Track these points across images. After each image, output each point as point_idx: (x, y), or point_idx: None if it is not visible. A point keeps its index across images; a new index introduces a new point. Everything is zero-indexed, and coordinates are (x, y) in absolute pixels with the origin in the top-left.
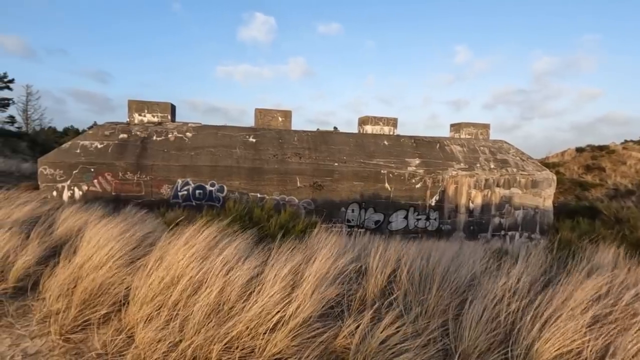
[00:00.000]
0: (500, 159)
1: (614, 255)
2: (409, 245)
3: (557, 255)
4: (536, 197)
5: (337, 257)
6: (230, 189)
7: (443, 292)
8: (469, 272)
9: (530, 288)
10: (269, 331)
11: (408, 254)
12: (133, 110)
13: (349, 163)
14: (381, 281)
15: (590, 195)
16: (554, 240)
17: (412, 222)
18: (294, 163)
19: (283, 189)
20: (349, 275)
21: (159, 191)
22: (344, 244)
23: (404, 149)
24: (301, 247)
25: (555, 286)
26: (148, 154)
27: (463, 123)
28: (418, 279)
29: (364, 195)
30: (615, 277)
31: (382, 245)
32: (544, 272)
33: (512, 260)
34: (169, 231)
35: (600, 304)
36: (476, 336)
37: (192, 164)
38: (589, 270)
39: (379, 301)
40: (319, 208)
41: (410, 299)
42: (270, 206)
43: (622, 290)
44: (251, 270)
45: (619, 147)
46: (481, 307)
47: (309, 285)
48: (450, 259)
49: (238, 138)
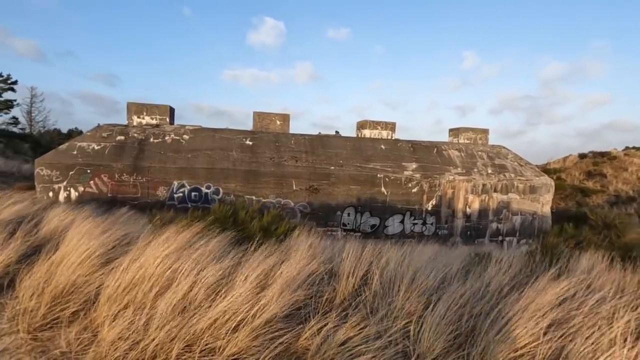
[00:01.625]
0: (498, 164)
1: (594, 260)
2: (387, 248)
3: (539, 259)
4: (534, 202)
5: (311, 259)
6: (226, 191)
7: (411, 294)
8: (441, 275)
9: (501, 291)
10: (232, 331)
11: (381, 257)
12: (132, 113)
13: (346, 167)
14: (352, 283)
15: (591, 201)
16: (538, 245)
17: (409, 226)
18: (291, 166)
19: (279, 192)
20: (321, 277)
21: (155, 193)
22: (322, 246)
23: (401, 153)
24: (279, 249)
25: (523, 290)
26: (145, 156)
27: (462, 128)
28: (388, 282)
29: (360, 199)
30: (584, 282)
31: (357, 248)
32: (514, 275)
33: (491, 264)
34: (151, 232)
35: (562, 308)
36: (435, 339)
37: (188, 166)
38: (558, 274)
39: (347, 303)
40: (315, 211)
41: (378, 301)
42: (255, 209)
43: (589, 294)
44: (222, 271)
45: (621, 153)
46: (443, 309)
47: (277, 286)
48: (426, 261)
49: (235, 141)
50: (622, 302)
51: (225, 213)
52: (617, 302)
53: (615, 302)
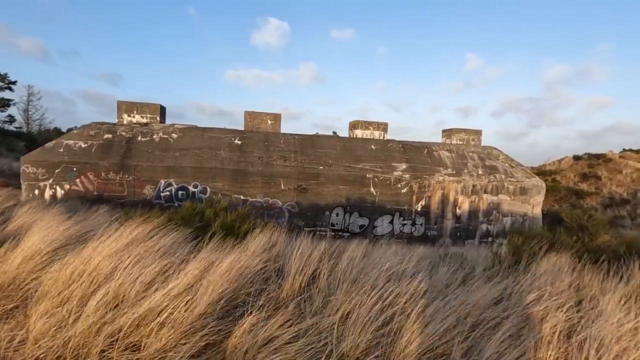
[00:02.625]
0: (489, 165)
1: (557, 262)
2: (351, 246)
3: (503, 260)
4: (525, 204)
5: (261, 256)
6: (214, 190)
7: (354, 292)
8: (388, 274)
9: (441, 290)
10: (159, 326)
11: (338, 255)
12: (122, 111)
13: (335, 167)
14: (299, 281)
15: (586, 203)
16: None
17: (398, 227)
18: (279, 166)
19: (267, 191)
20: (269, 274)
21: (142, 191)
22: (282, 244)
23: (391, 153)
24: (235, 246)
25: (458, 289)
26: (132, 155)
27: (454, 129)
28: (334, 280)
29: (349, 199)
30: (518, 283)
31: (309, 245)
32: (467, 274)
33: (446, 264)
34: (112, 228)
35: (493, 308)
36: (357, 337)
37: (176, 165)
38: (499, 275)
39: (289, 300)
40: (303, 211)
41: (319, 299)
42: (222, 207)
43: (528, 294)
44: (166, 266)
45: (616, 155)
46: (369, 308)
47: (214, 283)
48: (382, 261)
49: (224, 140)
50: (555, 304)
51: (191, 211)
52: (550, 304)
53: (549, 303)
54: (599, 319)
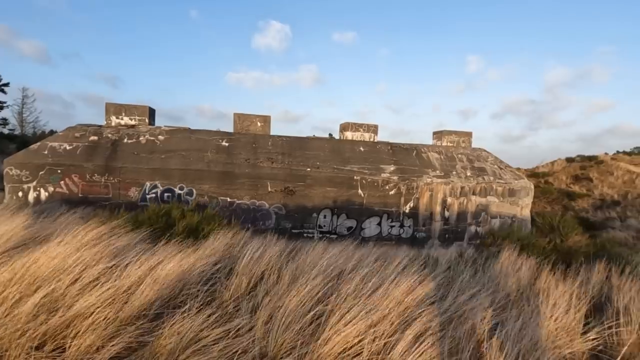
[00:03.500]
0: (477, 167)
1: (517, 261)
2: (309, 246)
3: (467, 260)
4: (513, 205)
5: (211, 255)
6: (200, 192)
7: (290, 292)
8: (334, 273)
9: (377, 288)
10: (87, 328)
11: (294, 255)
12: (110, 113)
13: (323, 168)
14: (246, 281)
15: (577, 205)
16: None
17: (386, 229)
18: (266, 168)
19: (254, 193)
20: (218, 274)
21: (127, 194)
22: (242, 244)
23: (380, 155)
24: (193, 247)
25: (388, 287)
26: (117, 156)
27: (445, 131)
28: (282, 279)
29: (336, 201)
30: (453, 281)
31: (262, 246)
32: (420, 273)
33: (393, 263)
34: (71, 229)
35: (418, 307)
36: (282, 335)
37: (162, 167)
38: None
39: (232, 300)
40: (291, 213)
41: (261, 299)
42: (191, 207)
43: (463, 295)
44: (107, 268)
45: (608, 157)
46: (293, 306)
47: (153, 284)
48: (334, 261)
49: (211, 142)
50: (488, 301)
51: (157, 211)
52: (483, 301)
53: (481, 300)
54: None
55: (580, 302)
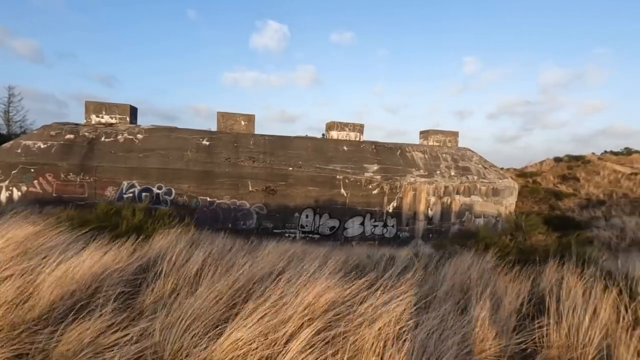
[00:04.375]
0: (462, 167)
1: (468, 261)
2: (257, 246)
3: (420, 260)
4: (497, 205)
5: (141, 257)
6: (179, 192)
7: (211, 293)
8: (261, 273)
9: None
10: None
11: (224, 255)
12: (90, 112)
13: (305, 168)
14: (171, 282)
15: (563, 205)
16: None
17: (369, 228)
18: (247, 167)
19: (235, 193)
20: (145, 275)
21: (103, 193)
22: (184, 242)
23: (363, 154)
24: (127, 246)
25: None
26: (94, 155)
27: (431, 130)
28: (204, 281)
29: (319, 200)
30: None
31: (209, 244)
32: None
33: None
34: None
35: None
36: (179, 339)
37: (140, 166)
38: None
39: (150, 302)
40: (272, 213)
41: (179, 300)
42: (142, 207)
43: (383, 295)
44: (23, 269)
45: (595, 157)
46: (200, 305)
47: (59, 285)
48: (271, 260)
49: (192, 141)
50: (404, 305)
51: (107, 210)
52: (399, 304)
53: (398, 303)
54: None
55: (519, 301)
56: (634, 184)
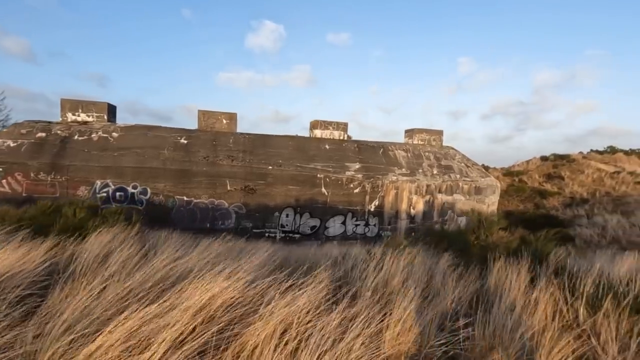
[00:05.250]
0: (444, 165)
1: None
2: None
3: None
4: (479, 203)
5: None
6: (155, 191)
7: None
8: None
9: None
10: None
11: (154, 255)
12: (66, 110)
13: (285, 167)
14: (85, 283)
15: (548, 203)
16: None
17: (351, 227)
18: (226, 166)
19: (212, 192)
20: (49, 278)
21: (76, 193)
22: (118, 242)
23: (345, 153)
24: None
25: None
26: (66, 154)
27: (416, 129)
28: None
29: (299, 199)
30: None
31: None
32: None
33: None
34: None
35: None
36: (53, 346)
37: (114, 165)
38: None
39: (56, 303)
40: (251, 212)
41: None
42: (87, 205)
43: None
44: None
45: (580, 156)
46: (78, 304)
47: None
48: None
49: (169, 139)
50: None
51: (45, 209)
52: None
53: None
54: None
55: (462, 300)
56: (616, 183)
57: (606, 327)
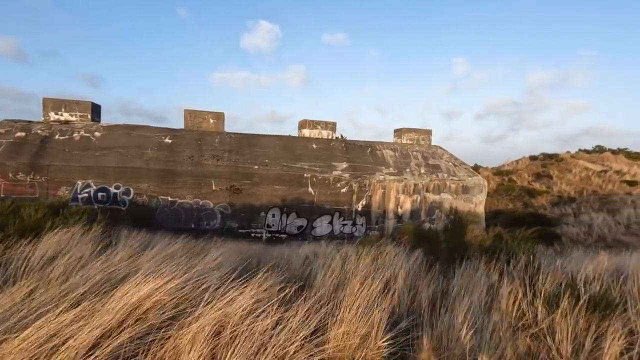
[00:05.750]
0: (432, 164)
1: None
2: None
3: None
4: (467, 202)
5: None
6: (138, 191)
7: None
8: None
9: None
10: None
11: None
12: (49, 109)
13: (271, 166)
14: (27, 285)
15: (536, 202)
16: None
17: (338, 227)
18: (211, 165)
19: (197, 192)
20: None
21: (56, 193)
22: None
23: (333, 152)
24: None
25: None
26: (46, 154)
27: (404, 128)
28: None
29: (286, 199)
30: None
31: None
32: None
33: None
34: None
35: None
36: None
37: (96, 165)
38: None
39: None
40: (237, 212)
41: None
42: (47, 204)
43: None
44: None
45: (568, 155)
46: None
47: None
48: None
49: (153, 139)
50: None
51: (3, 210)
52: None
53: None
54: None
55: (424, 300)
56: (603, 181)
57: (562, 325)
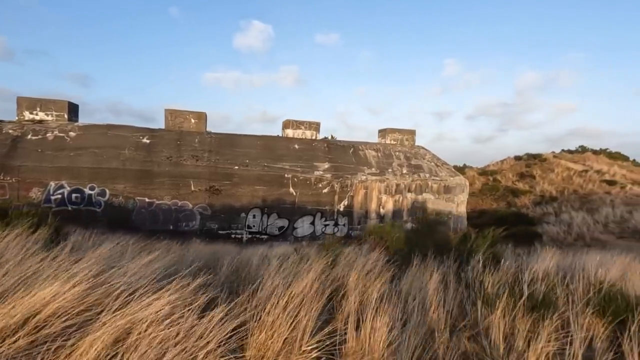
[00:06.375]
0: (414, 165)
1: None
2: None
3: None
4: (449, 202)
5: None
6: (114, 192)
7: None
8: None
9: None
10: None
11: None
12: (23, 108)
13: (252, 166)
14: None
15: (519, 202)
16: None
17: (320, 227)
18: (190, 166)
19: (176, 193)
20: None
21: (28, 194)
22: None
23: (315, 153)
24: None
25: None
26: (17, 154)
27: (388, 129)
28: None
29: (266, 200)
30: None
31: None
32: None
33: None
34: None
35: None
36: None
37: (70, 166)
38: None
39: None
40: (217, 213)
41: None
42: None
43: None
44: None
45: (551, 155)
46: None
47: None
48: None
49: (130, 139)
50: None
51: None
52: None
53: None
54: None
55: (373, 300)
56: (584, 181)
57: (499, 326)
